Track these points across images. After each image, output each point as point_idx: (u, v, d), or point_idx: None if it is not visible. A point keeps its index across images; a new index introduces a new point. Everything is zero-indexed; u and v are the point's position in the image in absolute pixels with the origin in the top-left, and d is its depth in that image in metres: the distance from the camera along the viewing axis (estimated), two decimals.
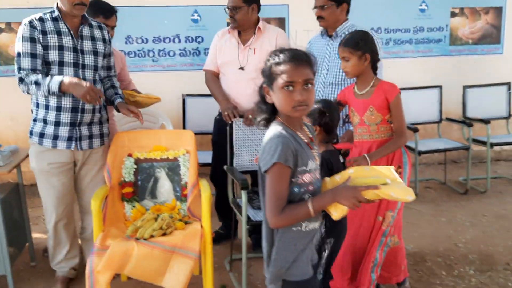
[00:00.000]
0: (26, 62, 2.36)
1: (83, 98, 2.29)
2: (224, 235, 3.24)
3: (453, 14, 4.91)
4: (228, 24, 3.28)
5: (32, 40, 2.36)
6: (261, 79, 3.16)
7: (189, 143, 2.69)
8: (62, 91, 2.32)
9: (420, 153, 4.06)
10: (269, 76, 1.51)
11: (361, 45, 2.30)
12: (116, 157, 2.63)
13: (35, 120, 2.50)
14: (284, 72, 1.45)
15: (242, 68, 2.94)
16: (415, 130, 3.97)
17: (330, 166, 2.03)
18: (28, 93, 2.40)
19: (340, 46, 2.36)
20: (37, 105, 2.48)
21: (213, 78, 3.09)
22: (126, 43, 4.36)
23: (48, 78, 2.33)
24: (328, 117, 2.08)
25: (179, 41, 4.49)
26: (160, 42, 4.46)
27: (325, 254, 2.06)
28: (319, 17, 2.85)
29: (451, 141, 4.36)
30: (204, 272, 2.43)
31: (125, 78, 3.07)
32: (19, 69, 2.38)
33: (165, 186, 2.69)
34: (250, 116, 2.76)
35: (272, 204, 1.45)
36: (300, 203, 1.47)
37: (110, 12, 2.82)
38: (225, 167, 2.86)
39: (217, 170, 3.12)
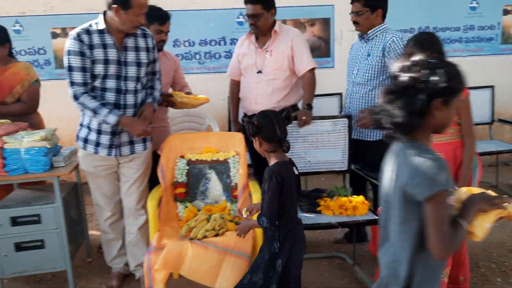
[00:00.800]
0: (77, 77, 2.39)
1: (136, 136, 2.52)
2: None
3: (505, 12, 4.73)
4: None
5: (81, 54, 2.38)
6: (279, 79, 3.12)
7: (239, 145, 2.74)
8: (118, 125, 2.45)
9: None
10: (450, 90, 1.34)
11: (427, 47, 2.24)
12: (169, 158, 2.71)
13: (81, 125, 2.58)
14: (462, 89, 1.37)
15: (260, 71, 2.99)
16: None
17: (280, 179, 1.92)
18: (82, 111, 2.49)
19: (406, 48, 2.33)
20: (83, 111, 2.53)
21: (234, 91, 3.23)
22: (173, 46, 4.46)
23: (106, 110, 2.39)
24: (257, 126, 1.98)
25: (225, 44, 4.56)
26: (206, 44, 4.55)
27: (279, 269, 1.98)
28: (354, 22, 2.92)
29: (504, 143, 4.21)
30: None
31: (179, 81, 3.12)
32: (72, 83, 2.41)
33: (215, 187, 2.75)
34: (304, 118, 2.78)
35: (443, 234, 1.31)
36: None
37: (164, 18, 2.88)
38: None
39: (256, 169, 3.17)
